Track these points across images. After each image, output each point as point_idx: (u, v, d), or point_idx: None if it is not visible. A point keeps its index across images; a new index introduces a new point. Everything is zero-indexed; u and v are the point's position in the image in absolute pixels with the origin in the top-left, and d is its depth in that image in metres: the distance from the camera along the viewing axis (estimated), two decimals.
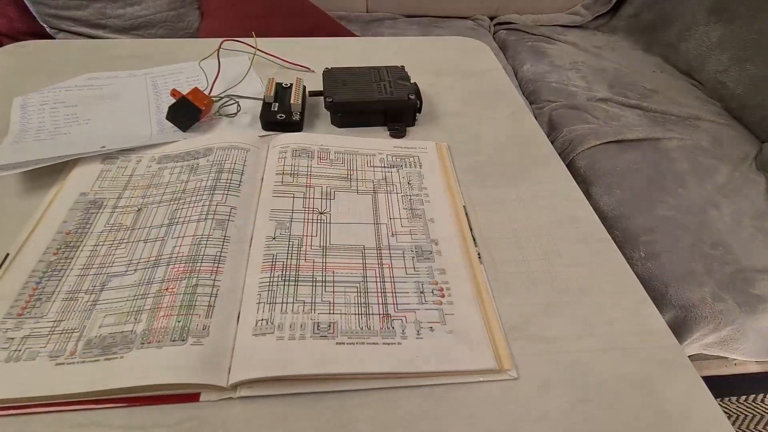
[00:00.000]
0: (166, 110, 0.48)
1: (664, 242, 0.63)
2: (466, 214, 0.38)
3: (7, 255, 0.33)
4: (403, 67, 0.50)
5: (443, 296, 0.31)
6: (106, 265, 0.31)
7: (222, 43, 0.52)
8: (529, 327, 0.31)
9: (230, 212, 0.35)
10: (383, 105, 0.45)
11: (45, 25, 0.77)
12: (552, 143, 0.52)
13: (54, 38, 0.79)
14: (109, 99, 0.49)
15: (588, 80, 0.95)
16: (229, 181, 0.37)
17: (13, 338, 0.27)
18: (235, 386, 0.26)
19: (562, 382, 0.28)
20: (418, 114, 0.48)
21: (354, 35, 1.00)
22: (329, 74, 0.48)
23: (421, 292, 0.31)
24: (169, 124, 0.45)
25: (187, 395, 0.26)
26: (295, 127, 0.46)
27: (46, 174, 0.39)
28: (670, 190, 0.71)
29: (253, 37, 0.56)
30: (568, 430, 0.27)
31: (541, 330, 0.31)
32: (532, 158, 0.46)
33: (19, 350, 0.27)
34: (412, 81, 0.49)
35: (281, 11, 0.91)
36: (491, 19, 1.18)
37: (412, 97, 0.46)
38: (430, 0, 1.15)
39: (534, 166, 0.45)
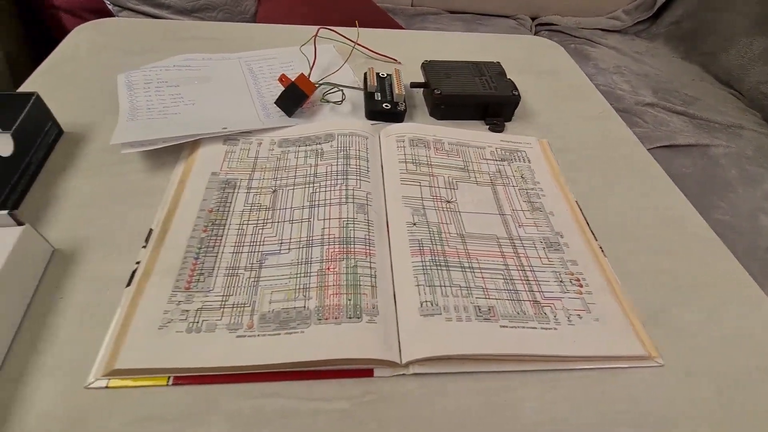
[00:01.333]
0: (266, 95, 0.49)
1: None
2: (580, 208, 0.40)
3: (151, 230, 0.33)
4: (499, 63, 0.51)
5: (581, 286, 0.33)
6: (258, 243, 0.32)
7: (318, 31, 0.53)
8: (663, 317, 0.33)
9: (366, 197, 0.36)
10: (487, 99, 0.46)
11: (107, 2, 0.76)
12: None
13: (115, 16, 0.78)
14: (208, 81, 0.49)
15: (632, 85, 0.97)
16: (358, 167, 0.38)
17: (188, 310, 0.28)
18: (407, 363, 0.27)
19: (705, 369, 0.30)
20: (515, 110, 0.49)
21: (402, 28, 1.00)
22: (430, 67, 0.49)
23: (561, 282, 0.33)
24: (274, 109, 0.46)
25: (361, 371, 0.27)
26: (399, 117, 0.47)
27: (166, 152, 0.40)
28: (722, 195, 0.73)
29: (356, 26, 0.56)
30: (719, 416, 0.28)
31: (675, 320, 0.33)
32: (627, 159, 0.47)
33: (197, 322, 0.27)
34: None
35: (339, 2, 0.91)
36: (533, 19, 1.19)
37: (516, 92, 0.47)
38: None
39: (631, 167, 0.46)
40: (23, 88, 0.46)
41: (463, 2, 1.15)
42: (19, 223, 0.29)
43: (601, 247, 0.36)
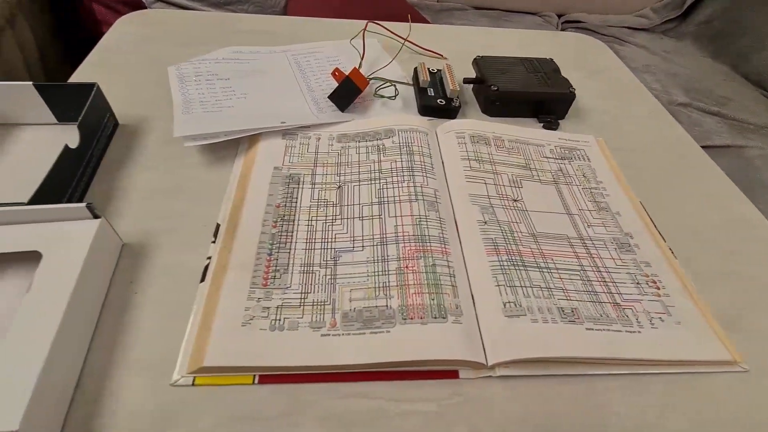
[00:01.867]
0: (316, 89, 0.48)
1: None
2: (645, 209, 0.39)
3: (218, 225, 0.33)
4: (552, 59, 0.50)
5: (658, 288, 0.32)
6: (329, 240, 0.32)
7: (367, 25, 0.52)
8: (742, 322, 0.32)
9: (435, 194, 0.35)
10: (544, 96, 0.45)
11: None
12: None
13: (148, 7, 0.77)
14: (258, 74, 0.48)
15: (663, 84, 0.96)
16: (423, 163, 0.37)
17: (268, 307, 0.27)
18: (493, 365, 0.27)
19: None
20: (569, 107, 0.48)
21: (429, 23, 0.99)
22: (483, 62, 0.48)
23: (637, 284, 0.32)
24: (326, 103, 0.45)
25: (446, 372, 0.27)
26: (453, 113, 0.46)
27: (223, 146, 0.39)
28: (761, 197, 0.72)
29: (408, 21, 0.55)
30: None
31: (753, 325, 0.32)
32: (685, 158, 0.46)
33: (279, 319, 0.27)
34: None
35: None
36: (559, 16, 1.18)
37: (573, 90, 0.46)
38: None
39: (689, 166, 0.45)
40: (73, 80, 0.45)
41: None
42: (95, 216, 0.28)
43: (671, 249, 0.36)
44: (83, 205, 0.27)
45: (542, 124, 0.47)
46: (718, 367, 0.29)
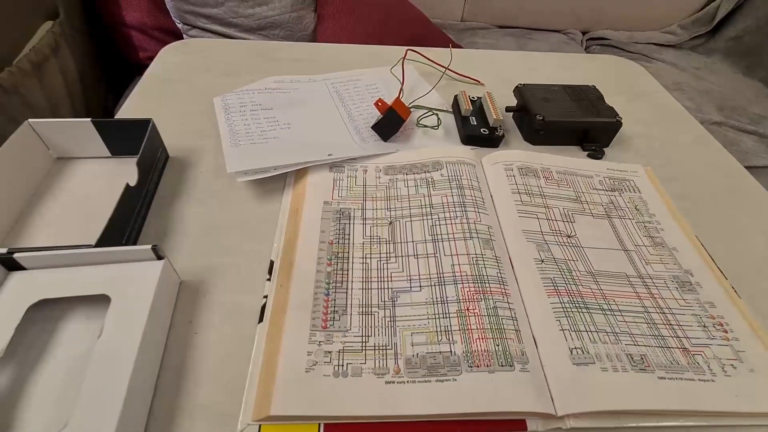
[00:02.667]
0: (357, 118, 0.48)
1: None
2: (701, 243, 0.38)
3: (272, 262, 0.33)
4: (595, 87, 0.50)
5: (726, 332, 0.31)
6: (386, 279, 0.31)
7: (407, 52, 0.52)
8: None
9: (489, 231, 0.34)
10: (590, 125, 0.45)
11: (179, 21, 0.77)
12: None
13: (183, 34, 0.79)
14: (299, 104, 0.49)
15: (696, 102, 0.94)
16: (474, 198, 0.37)
17: (330, 352, 0.27)
18: (563, 416, 0.26)
19: None
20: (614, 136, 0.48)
21: (459, 46, 0.99)
22: (526, 90, 0.48)
23: (704, 326, 0.31)
24: (368, 133, 0.45)
25: (514, 421, 0.26)
26: (496, 142, 0.45)
27: (271, 178, 0.39)
28: None
29: (449, 47, 0.55)
30: None
31: None
32: (737, 188, 0.45)
33: (342, 365, 0.27)
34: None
35: (395, 18, 0.91)
36: (583, 33, 1.17)
37: (619, 118, 0.45)
38: (524, 12, 1.14)
39: (742, 195, 0.44)
40: (122, 113, 0.47)
41: (513, 17, 1.14)
42: (159, 257, 0.28)
43: (733, 287, 0.34)
44: (149, 247, 0.28)
45: (587, 153, 0.46)
46: None
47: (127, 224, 0.32)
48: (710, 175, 0.46)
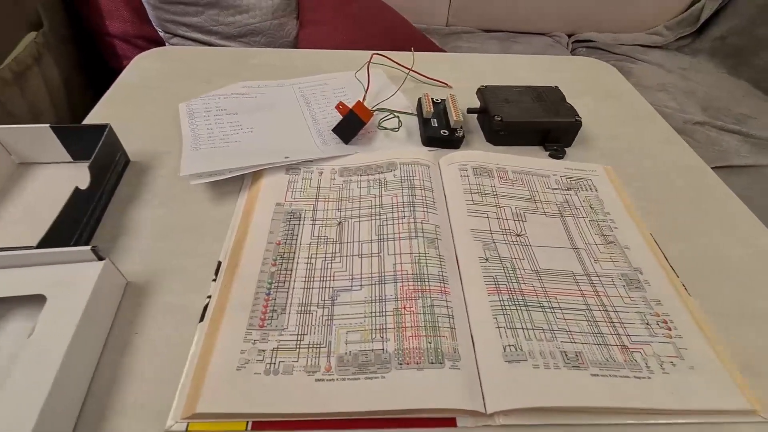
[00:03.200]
0: (321, 121, 0.49)
1: None
2: (655, 241, 0.37)
3: (220, 263, 0.33)
4: (557, 87, 0.50)
5: (669, 329, 0.31)
6: (328, 278, 0.31)
7: (372, 56, 0.53)
8: (763, 365, 0.30)
9: (435, 230, 0.35)
10: (549, 125, 0.45)
11: (160, 30, 0.79)
12: None
13: (165, 43, 0.81)
14: (265, 108, 0.49)
15: (679, 102, 0.94)
16: (424, 198, 0.37)
17: (264, 350, 0.27)
18: (492, 414, 0.26)
19: None
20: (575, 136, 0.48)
21: (442, 50, 1.00)
22: (488, 92, 0.48)
23: (647, 324, 0.31)
24: (330, 136, 0.46)
25: (443, 419, 0.26)
26: (456, 143, 0.46)
27: (228, 181, 0.40)
28: None
29: (408, 53, 0.56)
30: None
31: None
32: (699, 187, 0.45)
33: (274, 363, 0.27)
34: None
35: (376, 24, 0.92)
36: (569, 36, 1.18)
37: (578, 118, 0.45)
38: (509, 16, 1.15)
39: (706, 195, 0.44)
40: (89, 118, 0.48)
41: (497, 20, 1.15)
42: (100, 258, 0.29)
43: (684, 285, 0.34)
44: (88, 248, 0.28)
45: (548, 153, 0.46)
46: (735, 417, 0.27)
47: (77, 227, 0.33)
48: (675, 175, 0.46)
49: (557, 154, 0.46)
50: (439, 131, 0.45)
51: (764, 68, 1.00)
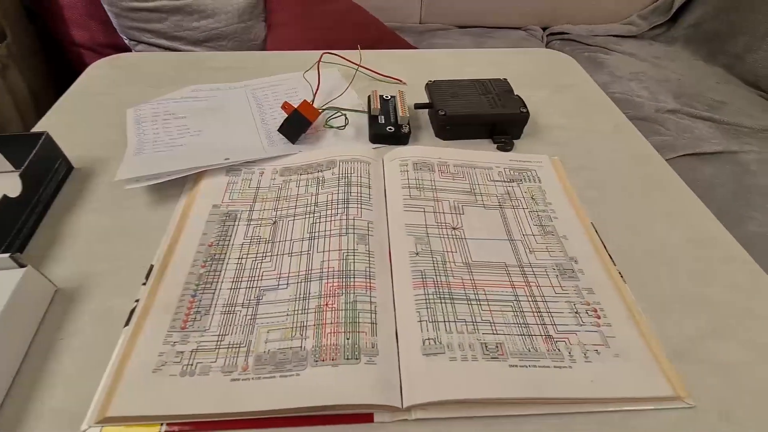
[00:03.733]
0: (270, 122, 0.49)
1: (760, 261, 0.60)
2: (596, 231, 0.37)
3: (152, 266, 0.33)
4: (506, 79, 0.50)
5: (598, 317, 0.30)
6: (256, 278, 0.31)
7: (322, 56, 0.53)
8: (697, 352, 0.30)
9: (368, 226, 0.34)
10: (494, 118, 0.45)
11: (124, 38, 0.79)
12: None
13: (131, 50, 0.81)
14: (215, 111, 0.49)
15: (652, 91, 0.94)
16: (359, 194, 0.37)
17: (182, 352, 0.27)
18: (409, 408, 0.26)
19: (746, 411, 0.27)
20: (523, 127, 0.47)
21: (414, 47, 1.00)
22: (434, 87, 0.48)
23: (576, 313, 0.30)
24: (278, 136, 0.46)
25: (361, 415, 0.26)
26: (403, 139, 0.46)
27: (170, 185, 0.40)
28: (757, 205, 0.69)
29: (358, 50, 0.56)
30: None
31: (711, 355, 0.30)
32: (649, 174, 0.44)
33: (191, 364, 0.27)
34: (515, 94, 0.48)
35: (345, 24, 0.92)
36: (543, 29, 1.17)
37: (524, 110, 0.45)
38: (482, 11, 1.15)
39: (653, 182, 0.43)
40: (39, 126, 0.48)
41: (471, 16, 1.15)
42: (21, 266, 0.29)
43: (620, 273, 0.34)
44: (6, 256, 0.28)
45: (497, 146, 0.46)
46: (659, 403, 0.27)
47: (7, 235, 0.33)
48: (624, 164, 0.46)
49: (505, 146, 0.46)
50: (385, 128, 0.45)
51: (737, 54, 0.99)
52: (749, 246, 0.47)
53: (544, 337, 0.29)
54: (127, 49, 0.82)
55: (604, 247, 0.36)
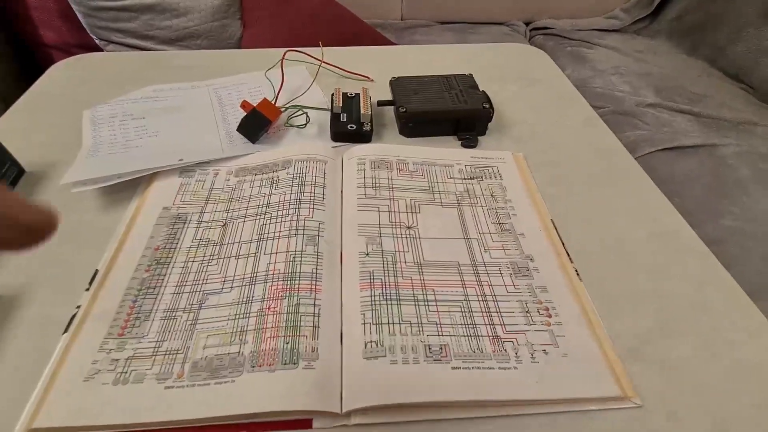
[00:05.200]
0: (232, 122, 0.48)
1: (734, 254, 0.60)
2: (555, 228, 0.37)
3: (96, 271, 0.32)
4: (471, 75, 0.49)
5: (550, 316, 0.30)
6: (201, 282, 0.31)
7: (285, 53, 0.52)
8: (646, 350, 0.29)
9: (319, 227, 0.34)
10: (457, 114, 0.44)
11: (94, 37, 0.78)
12: None
13: (102, 50, 0.80)
14: (175, 111, 0.48)
15: (633, 85, 0.93)
16: (312, 194, 0.36)
17: (117, 359, 0.26)
18: (348, 413, 0.25)
19: (692, 410, 0.26)
20: (488, 123, 0.47)
21: (393, 43, 0.99)
22: (398, 83, 0.47)
23: (527, 312, 0.30)
24: (239, 136, 0.45)
25: (299, 421, 0.25)
26: (365, 137, 0.45)
27: (123, 187, 0.39)
28: (734, 198, 0.68)
29: (320, 46, 0.55)
30: None
31: (660, 353, 0.29)
32: (614, 168, 0.44)
33: (126, 372, 0.26)
34: (480, 89, 0.48)
35: (322, 21, 0.91)
36: (526, 24, 1.17)
37: (487, 106, 0.44)
38: (465, 7, 1.14)
39: (618, 177, 0.43)
40: None
41: (453, 12, 1.14)
42: None
43: (577, 271, 0.33)
44: None
45: (461, 143, 0.45)
46: (606, 404, 0.26)
47: None
48: (590, 159, 0.45)
49: (469, 143, 0.45)
50: (346, 126, 0.44)
51: (719, 46, 0.99)
52: (724, 240, 0.46)
53: (491, 337, 0.28)
54: (98, 49, 0.81)
55: (563, 244, 0.35)
